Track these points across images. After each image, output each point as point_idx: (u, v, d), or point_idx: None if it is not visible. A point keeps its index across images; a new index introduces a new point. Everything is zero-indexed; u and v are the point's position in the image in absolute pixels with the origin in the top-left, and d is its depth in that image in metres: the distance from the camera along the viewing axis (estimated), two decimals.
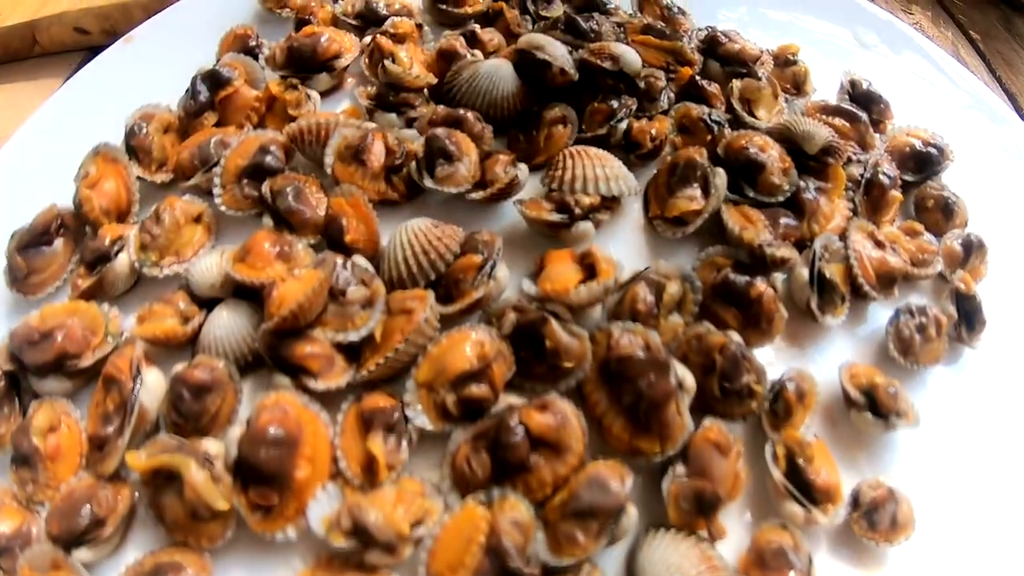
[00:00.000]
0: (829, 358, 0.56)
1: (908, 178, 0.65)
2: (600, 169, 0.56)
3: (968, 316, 0.58)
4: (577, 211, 0.54)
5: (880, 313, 0.58)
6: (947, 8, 1.03)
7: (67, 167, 0.62)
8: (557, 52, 0.62)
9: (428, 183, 0.56)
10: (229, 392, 0.49)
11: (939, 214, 0.64)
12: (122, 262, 0.56)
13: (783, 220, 0.56)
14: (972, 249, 0.62)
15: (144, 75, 0.73)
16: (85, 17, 0.87)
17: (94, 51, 0.86)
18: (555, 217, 0.54)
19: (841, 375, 0.53)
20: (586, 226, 0.55)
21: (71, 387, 0.53)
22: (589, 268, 0.51)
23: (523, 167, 0.58)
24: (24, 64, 0.89)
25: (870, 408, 0.51)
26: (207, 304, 0.53)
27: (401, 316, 0.49)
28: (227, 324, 0.50)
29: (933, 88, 0.77)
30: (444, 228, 0.53)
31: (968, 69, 0.84)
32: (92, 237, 0.58)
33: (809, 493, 0.48)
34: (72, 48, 0.90)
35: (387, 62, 0.64)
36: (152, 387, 0.49)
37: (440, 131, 0.57)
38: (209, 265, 0.53)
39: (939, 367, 0.57)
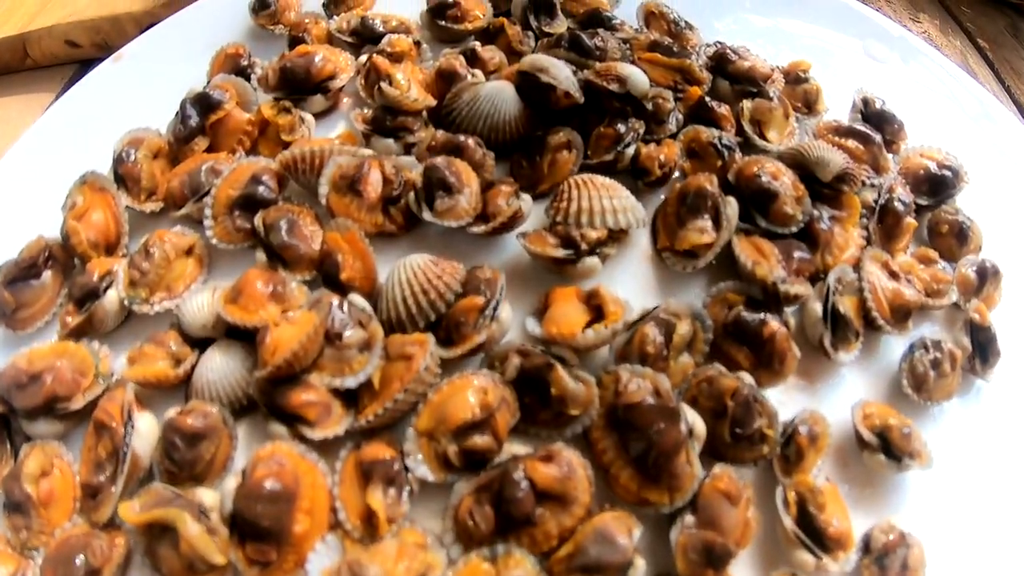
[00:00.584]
0: (840, 394, 0.54)
1: (922, 202, 0.63)
2: (607, 200, 0.54)
3: (982, 348, 0.57)
4: (583, 246, 0.52)
5: (893, 344, 0.57)
6: (955, 16, 1.00)
7: (56, 192, 0.60)
8: (561, 75, 0.59)
9: (427, 216, 0.54)
10: (224, 438, 0.48)
11: (953, 240, 0.62)
12: (111, 299, 0.54)
13: (796, 254, 0.54)
14: (987, 277, 0.60)
15: (133, 95, 0.72)
16: (76, 30, 0.85)
17: (86, 64, 0.84)
18: (560, 253, 0.52)
19: (854, 415, 0.51)
20: (593, 261, 0.53)
21: (62, 429, 0.51)
22: (596, 309, 0.49)
23: (527, 198, 0.55)
24: (16, 77, 0.87)
25: (883, 450, 0.50)
26: (199, 343, 0.52)
27: (400, 362, 0.47)
28: (220, 367, 0.49)
29: (944, 102, 0.75)
30: (444, 265, 0.51)
31: (977, 80, 0.82)
32: (80, 271, 0.56)
33: (821, 541, 0.46)
34: (64, 61, 0.88)
35: (384, 84, 0.61)
36: (144, 433, 0.48)
37: (440, 161, 0.55)
38: (201, 304, 0.51)
39: (952, 401, 0.55)
